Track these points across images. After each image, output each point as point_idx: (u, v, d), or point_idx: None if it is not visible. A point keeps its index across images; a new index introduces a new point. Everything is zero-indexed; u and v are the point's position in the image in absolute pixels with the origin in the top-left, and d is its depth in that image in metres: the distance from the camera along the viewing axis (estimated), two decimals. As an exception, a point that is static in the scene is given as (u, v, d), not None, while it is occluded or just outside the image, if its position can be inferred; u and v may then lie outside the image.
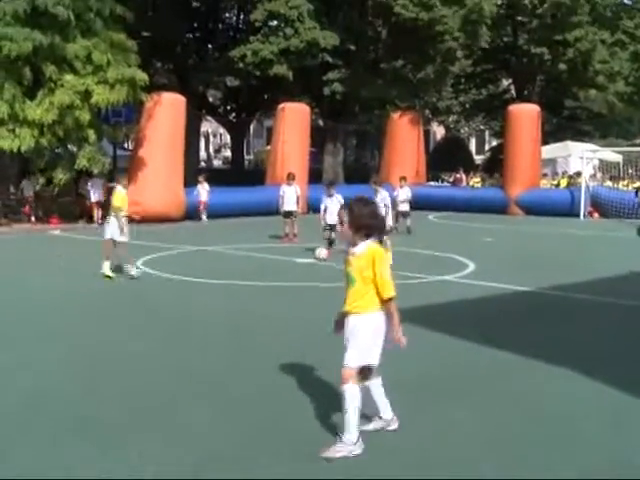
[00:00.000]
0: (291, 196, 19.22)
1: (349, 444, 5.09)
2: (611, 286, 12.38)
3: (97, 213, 24.55)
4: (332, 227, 16.05)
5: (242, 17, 40.74)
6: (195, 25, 40.74)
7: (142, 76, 23.48)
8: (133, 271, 12.68)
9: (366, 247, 5.16)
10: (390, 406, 5.54)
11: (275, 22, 33.17)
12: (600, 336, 8.82)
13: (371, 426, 5.54)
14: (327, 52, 32.77)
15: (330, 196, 16.67)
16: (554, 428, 5.61)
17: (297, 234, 18.98)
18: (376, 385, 5.49)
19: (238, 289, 11.96)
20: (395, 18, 32.29)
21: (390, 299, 5.15)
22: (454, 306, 10.48)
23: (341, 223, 5.35)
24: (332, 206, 16.17)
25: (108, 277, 12.52)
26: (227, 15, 42.55)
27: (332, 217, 15.84)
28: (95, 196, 24.59)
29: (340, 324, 5.34)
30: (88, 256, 15.06)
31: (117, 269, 12.79)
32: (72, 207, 25.69)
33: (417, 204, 25.23)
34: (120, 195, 12.91)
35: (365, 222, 5.15)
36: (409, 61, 36.04)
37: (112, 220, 12.85)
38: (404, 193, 22.09)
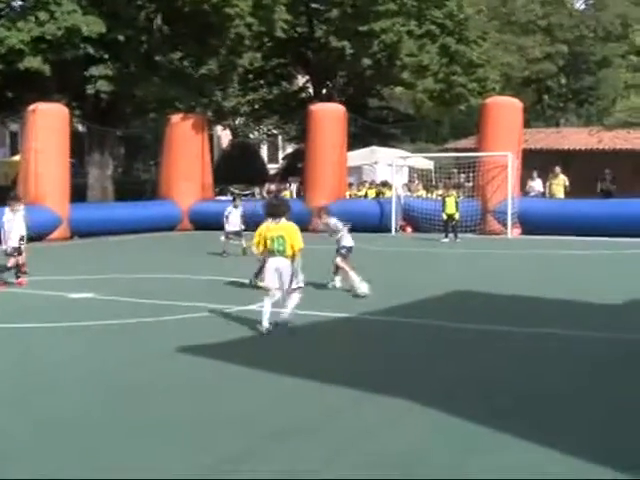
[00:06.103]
0: (18, 223, 16.16)
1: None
2: (433, 307, 12.76)
3: None
4: None
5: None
6: None
7: None
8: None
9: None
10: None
11: (22, 3, 30.17)
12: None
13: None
14: (91, 42, 30.07)
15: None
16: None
17: (26, 264, 16.22)
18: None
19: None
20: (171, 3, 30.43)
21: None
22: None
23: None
24: None
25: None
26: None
27: None
28: None
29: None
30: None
31: None
32: None
33: (207, 223, 27.35)
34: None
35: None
36: (189, 53, 34.22)
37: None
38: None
